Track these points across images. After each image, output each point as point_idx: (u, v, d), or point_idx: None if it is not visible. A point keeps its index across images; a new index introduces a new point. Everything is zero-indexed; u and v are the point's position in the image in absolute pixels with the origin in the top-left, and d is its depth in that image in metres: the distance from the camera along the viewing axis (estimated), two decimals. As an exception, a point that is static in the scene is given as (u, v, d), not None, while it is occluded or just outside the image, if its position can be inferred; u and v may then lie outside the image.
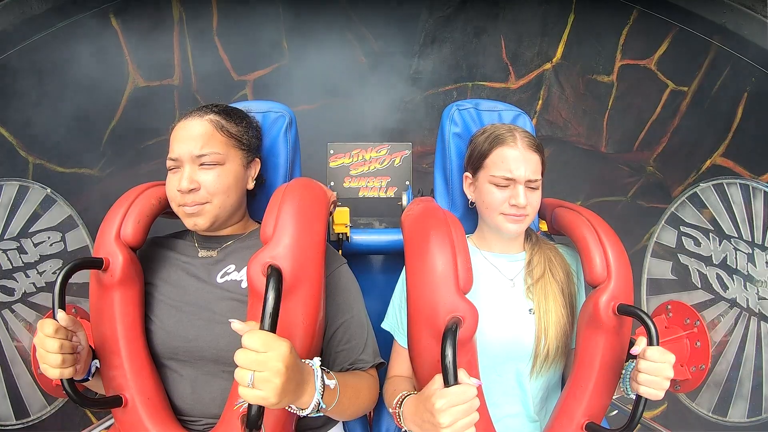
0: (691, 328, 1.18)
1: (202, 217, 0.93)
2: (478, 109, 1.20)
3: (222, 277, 0.94)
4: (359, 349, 0.95)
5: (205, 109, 0.96)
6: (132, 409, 0.86)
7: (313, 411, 0.73)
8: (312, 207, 0.89)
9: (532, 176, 0.98)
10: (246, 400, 0.64)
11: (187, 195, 0.91)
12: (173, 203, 0.95)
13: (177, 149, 0.92)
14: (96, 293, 0.90)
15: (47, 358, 0.75)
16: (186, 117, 0.96)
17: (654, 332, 0.83)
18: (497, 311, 1.00)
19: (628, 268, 0.97)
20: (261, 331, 0.65)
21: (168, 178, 0.95)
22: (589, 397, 0.94)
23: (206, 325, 0.89)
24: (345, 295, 0.96)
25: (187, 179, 0.90)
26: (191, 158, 0.91)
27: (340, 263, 1.00)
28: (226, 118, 0.97)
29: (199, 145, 0.91)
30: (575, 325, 1.03)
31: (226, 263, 0.96)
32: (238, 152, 0.97)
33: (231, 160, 0.95)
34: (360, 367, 0.95)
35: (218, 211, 0.94)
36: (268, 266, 0.76)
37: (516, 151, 0.98)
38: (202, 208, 0.93)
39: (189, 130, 0.93)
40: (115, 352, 0.87)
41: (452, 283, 0.87)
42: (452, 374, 0.73)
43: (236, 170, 0.96)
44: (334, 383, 0.77)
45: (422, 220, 1.01)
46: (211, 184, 0.92)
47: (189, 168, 0.92)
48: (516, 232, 1.01)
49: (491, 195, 0.99)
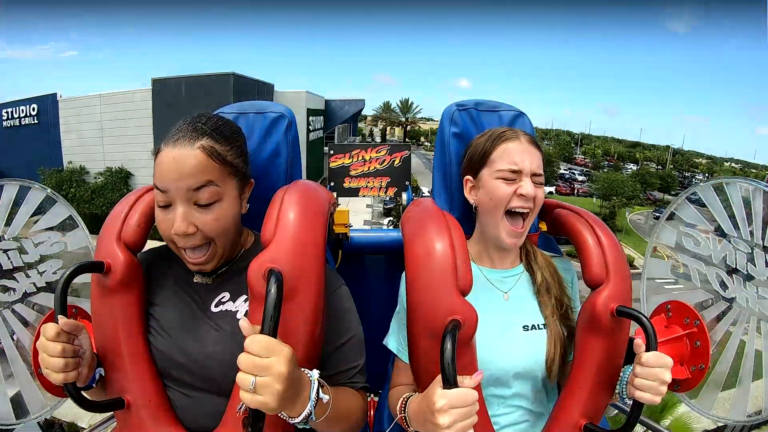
0: (691, 327, 1.18)
1: (208, 265, 0.88)
2: (478, 110, 1.20)
3: (216, 306, 0.92)
4: (354, 372, 0.94)
5: (195, 132, 0.83)
6: (134, 412, 0.86)
7: (302, 422, 0.73)
8: (312, 210, 0.89)
9: (537, 170, 0.99)
10: (247, 404, 0.64)
11: (184, 238, 0.84)
12: (167, 241, 0.88)
13: (166, 183, 0.82)
14: (97, 296, 0.90)
15: (50, 362, 0.75)
16: (174, 143, 0.82)
17: (652, 335, 0.83)
18: (490, 327, 0.99)
19: (627, 270, 0.97)
20: (264, 335, 0.66)
21: (158, 214, 0.86)
22: (587, 399, 0.94)
23: (198, 358, 0.88)
24: (345, 317, 0.95)
25: (183, 222, 0.82)
26: (184, 196, 0.82)
27: (340, 284, 0.98)
28: (220, 141, 0.86)
29: (192, 182, 0.81)
30: (572, 338, 1.03)
31: (221, 291, 0.93)
32: (233, 181, 0.88)
33: (228, 193, 0.86)
34: (353, 386, 0.94)
35: (222, 251, 0.89)
36: (268, 270, 0.76)
37: (520, 144, 0.99)
38: (205, 256, 0.86)
39: (179, 162, 0.81)
40: (116, 354, 0.87)
41: (452, 285, 0.87)
42: (452, 376, 0.73)
43: (233, 203, 0.88)
44: (327, 398, 0.76)
45: (421, 220, 1.01)
46: (210, 228, 0.84)
47: (183, 208, 0.82)
48: (515, 245, 1.02)
49: (498, 190, 0.99)
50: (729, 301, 1.15)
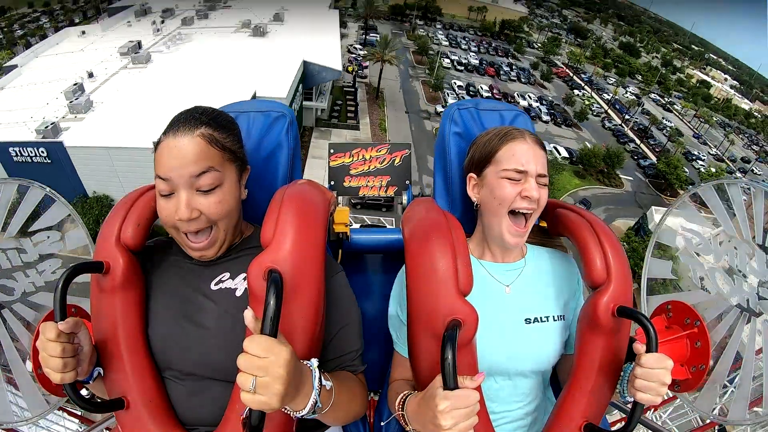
0: (691, 328, 1.18)
1: (211, 250, 0.90)
2: (478, 109, 1.20)
3: (216, 285, 0.93)
4: (354, 356, 0.95)
5: (193, 121, 0.87)
6: (134, 412, 0.86)
7: (309, 412, 0.73)
8: (312, 210, 0.89)
9: (542, 171, 0.99)
10: (248, 405, 0.64)
11: (188, 223, 0.86)
12: (169, 229, 0.90)
13: (169, 172, 0.84)
14: (97, 296, 0.90)
15: (50, 362, 0.76)
16: (174, 133, 0.85)
17: (653, 336, 0.83)
18: (491, 321, 0.99)
19: (628, 270, 0.96)
20: (263, 336, 0.65)
21: (160, 203, 0.88)
22: (587, 398, 0.94)
23: (198, 340, 0.88)
24: (342, 303, 0.96)
25: (186, 208, 0.84)
26: (187, 183, 0.85)
27: (338, 270, 0.99)
28: (218, 129, 0.89)
29: (194, 168, 0.84)
30: (571, 332, 1.03)
31: (221, 270, 0.94)
32: (232, 166, 0.91)
33: (228, 177, 0.89)
34: (353, 371, 0.95)
35: (224, 236, 0.91)
36: (268, 271, 0.75)
37: (526, 145, 0.99)
38: (208, 240, 0.88)
39: (180, 150, 0.84)
40: (116, 355, 0.87)
41: (452, 285, 0.87)
42: (452, 377, 0.72)
43: (234, 188, 0.91)
44: (330, 384, 0.77)
45: (422, 220, 1.00)
46: (213, 211, 0.87)
47: (185, 194, 0.85)
48: (517, 245, 1.02)
49: (503, 189, 0.98)
50: (729, 302, 1.15)
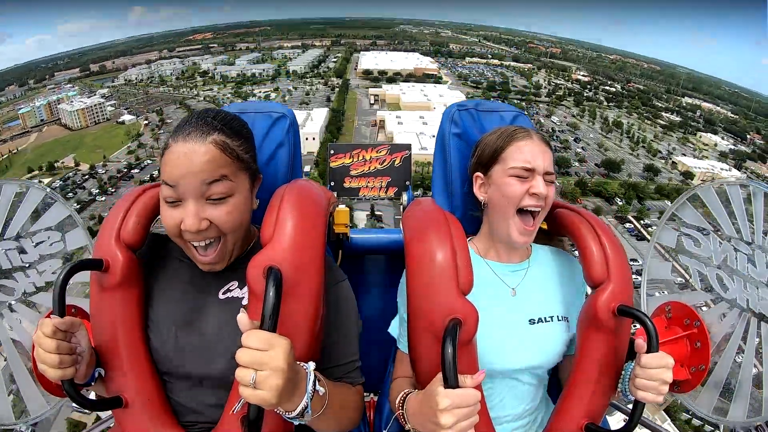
0: (691, 328, 1.18)
1: (218, 265, 0.88)
2: (478, 110, 1.20)
3: (224, 294, 0.92)
4: (352, 366, 0.94)
5: (206, 127, 0.81)
6: (132, 410, 0.86)
7: (298, 416, 0.72)
8: (311, 208, 0.89)
9: (549, 168, 0.99)
10: (247, 400, 0.64)
11: (196, 234, 0.81)
12: (174, 238, 0.85)
13: (177, 179, 0.79)
14: (96, 294, 0.90)
15: (45, 358, 0.75)
16: (185, 138, 0.79)
17: (654, 334, 0.83)
18: (496, 322, 0.99)
19: (628, 270, 0.97)
20: (260, 330, 0.66)
21: (164, 211, 0.83)
22: (588, 398, 0.94)
23: (200, 350, 0.88)
24: (345, 311, 0.95)
25: (194, 219, 0.79)
26: (196, 192, 0.79)
27: (343, 278, 0.98)
28: (231, 136, 0.84)
29: (206, 176, 0.79)
30: (573, 333, 1.03)
31: (230, 279, 0.93)
32: (245, 175, 0.86)
33: (240, 187, 0.84)
34: (350, 382, 0.94)
35: (233, 248, 0.88)
36: (267, 268, 0.76)
37: (533, 143, 1.00)
38: (216, 253, 0.85)
39: (190, 157, 0.78)
40: (115, 353, 0.87)
41: (452, 284, 0.87)
42: (452, 375, 0.73)
43: (245, 198, 0.86)
44: (324, 391, 0.76)
45: (422, 220, 1.00)
46: (223, 221, 0.82)
47: (194, 204, 0.80)
48: (525, 243, 1.02)
49: (511, 187, 0.98)
50: (729, 302, 1.15)
